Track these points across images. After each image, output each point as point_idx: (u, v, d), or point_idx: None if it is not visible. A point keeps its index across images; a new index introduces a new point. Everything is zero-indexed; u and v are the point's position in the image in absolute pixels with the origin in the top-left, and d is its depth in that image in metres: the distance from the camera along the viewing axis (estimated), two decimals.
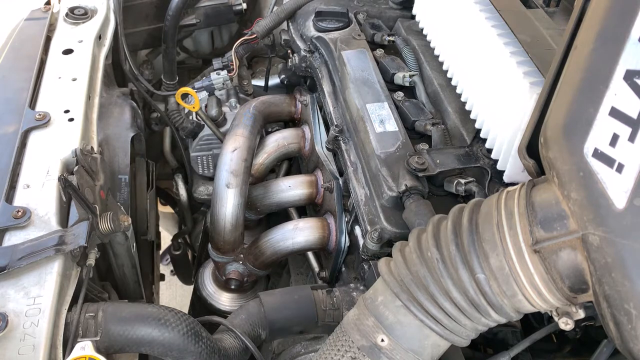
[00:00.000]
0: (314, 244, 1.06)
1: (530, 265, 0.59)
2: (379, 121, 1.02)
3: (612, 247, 0.52)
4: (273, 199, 1.13)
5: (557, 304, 0.61)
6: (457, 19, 1.06)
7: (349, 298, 0.90)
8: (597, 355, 0.67)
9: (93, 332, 0.75)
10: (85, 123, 1.01)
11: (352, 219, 1.01)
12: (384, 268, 0.70)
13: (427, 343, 0.67)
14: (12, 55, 1.14)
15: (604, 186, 0.54)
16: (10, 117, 0.99)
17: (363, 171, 0.99)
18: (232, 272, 1.10)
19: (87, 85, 1.08)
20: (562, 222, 0.57)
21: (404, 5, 1.34)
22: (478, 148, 0.97)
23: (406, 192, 0.90)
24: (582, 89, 0.58)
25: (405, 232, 0.88)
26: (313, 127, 1.18)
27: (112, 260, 1.01)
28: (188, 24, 1.52)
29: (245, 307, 0.91)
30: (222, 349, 0.83)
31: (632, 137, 0.53)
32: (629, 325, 0.53)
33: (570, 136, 0.57)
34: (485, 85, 0.95)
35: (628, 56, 0.54)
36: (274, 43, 1.49)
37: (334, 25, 1.25)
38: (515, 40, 0.92)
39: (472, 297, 0.63)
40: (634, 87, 0.53)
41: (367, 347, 0.68)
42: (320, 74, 1.23)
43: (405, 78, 1.12)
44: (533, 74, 0.85)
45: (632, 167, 0.52)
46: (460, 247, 0.63)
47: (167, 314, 0.79)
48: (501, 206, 0.62)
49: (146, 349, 0.78)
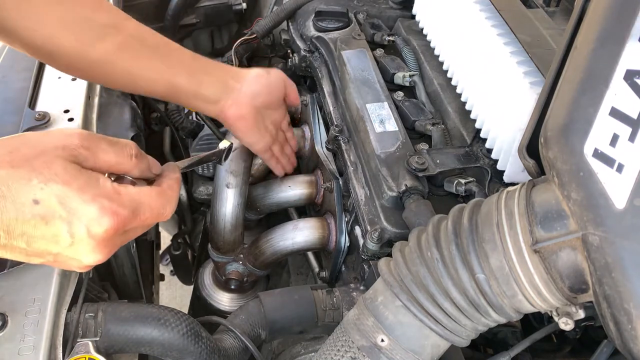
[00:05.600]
0: (314, 244, 1.06)
1: (530, 265, 0.59)
2: (379, 121, 1.02)
3: (612, 247, 0.52)
4: (273, 199, 1.13)
5: (557, 304, 0.61)
6: (457, 19, 1.06)
7: (349, 298, 0.90)
8: (597, 355, 0.67)
9: (93, 332, 0.75)
10: (85, 123, 1.01)
11: (352, 219, 1.01)
12: (384, 268, 0.70)
13: (427, 343, 0.67)
14: (12, 55, 1.14)
15: (604, 186, 0.54)
16: (10, 117, 0.99)
17: (363, 171, 0.99)
18: (232, 272, 1.10)
19: (86, 85, 1.08)
20: (562, 222, 0.57)
21: (404, 5, 1.34)
22: (478, 148, 0.97)
23: (406, 192, 0.90)
24: (582, 89, 0.58)
25: (405, 232, 0.88)
26: (313, 127, 1.18)
27: (112, 260, 1.01)
28: (188, 24, 1.52)
29: (245, 307, 0.91)
30: (222, 349, 0.83)
31: (632, 137, 0.53)
32: (629, 325, 0.53)
33: (570, 136, 0.57)
34: (485, 85, 0.95)
35: (628, 56, 0.54)
36: (274, 43, 1.49)
37: (334, 25, 1.25)
38: (515, 40, 0.92)
39: (472, 297, 0.63)
40: (634, 87, 0.53)
41: (367, 347, 0.68)
42: (320, 74, 1.23)
43: (405, 78, 1.12)
44: (533, 74, 0.85)
45: (632, 167, 0.52)
46: (460, 247, 0.63)
47: (167, 314, 0.79)
48: (501, 206, 0.62)
49: (146, 349, 0.78)
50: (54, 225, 0.57)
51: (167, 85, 0.90)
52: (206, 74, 0.93)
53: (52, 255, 0.60)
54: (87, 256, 0.60)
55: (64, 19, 0.80)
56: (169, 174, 0.70)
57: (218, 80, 0.95)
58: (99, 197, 0.58)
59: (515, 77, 0.86)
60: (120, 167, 0.64)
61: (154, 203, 0.64)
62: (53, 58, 0.83)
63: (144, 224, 0.64)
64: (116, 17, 0.86)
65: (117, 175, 0.65)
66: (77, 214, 0.57)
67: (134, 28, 0.87)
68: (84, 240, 0.58)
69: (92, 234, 0.58)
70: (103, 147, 0.62)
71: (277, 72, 1.04)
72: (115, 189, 0.60)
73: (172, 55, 0.90)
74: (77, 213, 0.57)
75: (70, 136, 0.60)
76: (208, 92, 0.94)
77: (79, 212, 0.57)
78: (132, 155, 0.64)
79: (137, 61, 0.86)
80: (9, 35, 0.79)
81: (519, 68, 0.86)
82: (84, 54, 0.83)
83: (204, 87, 0.93)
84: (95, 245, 0.59)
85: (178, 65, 0.90)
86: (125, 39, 0.85)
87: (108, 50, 0.83)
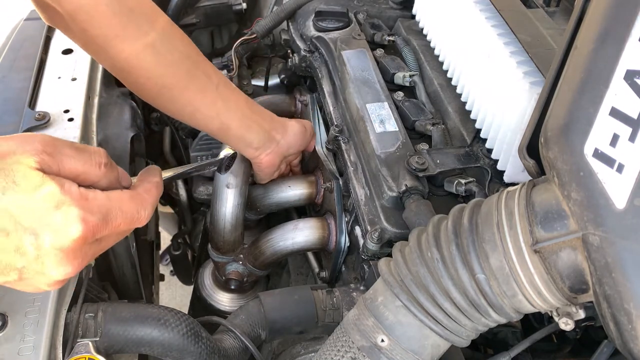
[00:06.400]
0: (314, 244, 1.06)
1: (531, 265, 0.59)
2: (379, 121, 1.02)
3: (613, 247, 0.52)
4: (273, 199, 1.13)
5: (558, 304, 0.61)
6: (457, 19, 1.06)
7: (349, 298, 0.90)
8: (597, 356, 0.66)
9: (93, 332, 0.75)
10: (85, 123, 1.01)
11: (352, 219, 1.01)
12: (384, 268, 0.70)
13: (427, 343, 0.67)
14: (12, 56, 1.14)
15: (604, 186, 0.54)
16: (9, 117, 0.99)
17: (363, 171, 0.99)
18: (232, 272, 1.10)
19: (86, 85, 1.08)
20: (563, 222, 0.57)
21: (404, 5, 1.34)
22: (478, 148, 0.97)
23: (406, 192, 0.90)
24: (582, 89, 0.58)
25: (405, 232, 0.88)
26: (313, 127, 1.17)
27: (112, 260, 1.01)
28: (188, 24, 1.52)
29: (245, 307, 0.91)
30: (222, 349, 0.83)
31: (633, 137, 0.53)
32: (629, 326, 0.53)
33: (571, 136, 0.57)
34: (485, 85, 0.95)
35: (628, 56, 0.54)
36: (274, 43, 1.48)
37: (334, 25, 1.25)
38: (515, 40, 0.92)
39: (472, 297, 0.63)
40: (634, 87, 0.53)
41: (367, 347, 0.68)
42: (320, 74, 1.23)
43: (406, 78, 1.12)
44: (533, 74, 0.85)
45: (633, 167, 0.52)
46: (461, 247, 0.63)
47: (167, 314, 0.79)
48: (501, 206, 0.62)
49: (146, 349, 0.78)
50: (16, 237, 0.53)
51: (221, 126, 0.96)
52: (255, 121, 1.00)
53: (16, 271, 0.55)
54: (55, 269, 0.55)
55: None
56: (148, 177, 0.68)
57: (264, 130, 1.01)
58: (65, 205, 0.54)
59: (516, 77, 0.86)
60: (86, 177, 0.59)
61: (126, 207, 0.60)
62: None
63: (117, 231, 0.60)
64: (199, 56, 0.92)
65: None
66: (41, 223, 0.53)
67: (210, 67, 0.94)
68: (50, 251, 0.54)
69: (59, 244, 0.54)
70: (68, 154, 0.57)
71: (310, 126, 1.13)
72: (82, 194, 0.56)
73: (230, 98, 0.97)
74: (41, 222, 0.53)
75: (31, 141, 0.55)
76: (252, 138, 1.00)
77: (42, 221, 0.53)
78: (101, 164, 0.60)
79: (202, 97, 0.92)
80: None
81: (519, 68, 0.86)
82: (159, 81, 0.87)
83: (250, 133, 0.99)
84: (63, 257, 0.55)
85: (235, 108, 0.97)
86: (197, 73, 0.91)
87: (180, 77, 0.89)
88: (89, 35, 0.79)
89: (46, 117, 0.98)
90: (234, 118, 0.96)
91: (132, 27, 0.81)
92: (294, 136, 1.07)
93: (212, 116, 0.94)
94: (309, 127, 1.11)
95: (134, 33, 0.81)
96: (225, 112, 0.95)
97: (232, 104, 0.96)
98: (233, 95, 0.97)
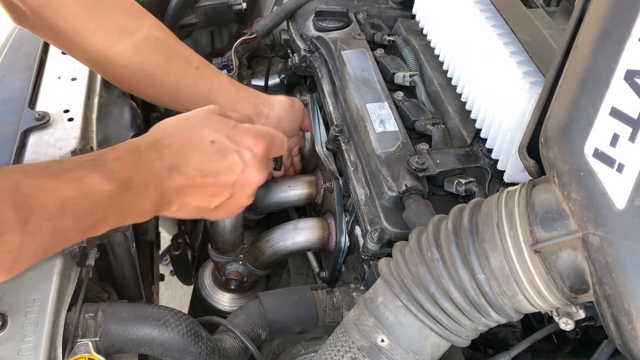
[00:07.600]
0: (314, 244, 1.06)
1: (531, 265, 0.59)
2: (379, 121, 1.02)
3: (613, 248, 0.52)
4: (273, 199, 1.13)
5: (558, 304, 0.61)
6: (457, 19, 1.06)
7: (349, 298, 0.90)
8: (597, 356, 0.66)
9: (93, 332, 0.75)
10: (85, 123, 1.01)
11: (352, 219, 1.01)
12: (384, 268, 0.70)
13: (427, 343, 0.67)
14: (12, 55, 1.14)
15: (604, 186, 0.54)
16: (9, 117, 0.99)
17: (363, 171, 0.99)
18: (232, 272, 1.10)
19: (86, 85, 1.08)
20: (563, 222, 0.57)
21: (404, 5, 1.34)
22: (478, 148, 0.97)
23: (406, 192, 0.90)
24: (582, 89, 0.58)
25: (405, 232, 0.88)
26: (313, 127, 1.17)
27: (112, 260, 1.01)
28: (188, 24, 1.52)
29: (245, 307, 0.91)
30: (222, 349, 0.82)
31: (633, 137, 0.53)
32: (629, 326, 0.53)
33: (571, 136, 0.57)
34: (485, 85, 0.95)
35: (628, 56, 0.54)
36: (274, 43, 1.48)
37: (334, 25, 1.25)
38: (515, 40, 0.92)
39: (472, 298, 0.63)
40: (634, 87, 0.53)
41: (367, 347, 0.68)
42: (320, 74, 1.23)
43: (406, 78, 1.12)
44: (533, 74, 0.85)
45: (633, 167, 0.52)
46: (461, 247, 0.63)
47: (167, 314, 0.79)
48: (501, 206, 0.62)
49: (146, 349, 0.78)
50: (229, 157, 0.75)
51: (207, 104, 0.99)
52: (241, 97, 1.03)
53: (229, 189, 0.76)
54: (256, 175, 0.77)
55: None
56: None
57: (251, 104, 1.04)
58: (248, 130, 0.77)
59: (516, 77, 0.86)
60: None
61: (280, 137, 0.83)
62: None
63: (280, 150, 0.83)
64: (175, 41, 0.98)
65: None
66: (240, 143, 0.75)
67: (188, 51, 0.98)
68: (251, 161, 0.76)
69: (255, 154, 0.76)
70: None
71: (299, 102, 1.14)
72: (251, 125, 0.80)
73: (213, 78, 1.01)
74: (240, 143, 0.75)
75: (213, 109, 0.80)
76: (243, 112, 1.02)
77: (241, 142, 0.76)
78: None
79: (184, 79, 0.96)
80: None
81: (518, 68, 0.86)
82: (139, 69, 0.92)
83: (238, 108, 1.00)
84: (259, 165, 0.77)
85: (218, 87, 1.01)
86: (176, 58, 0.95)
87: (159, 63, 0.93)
88: (59, 29, 0.81)
89: (46, 117, 0.98)
90: (219, 95, 0.99)
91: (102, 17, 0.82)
92: (282, 108, 1.07)
93: (196, 96, 0.97)
94: (297, 101, 1.12)
95: (105, 23, 0.82)
96: (209, 91, 0.98)
97: (214, 83, 1.00)
98: (215, 75, 1.01)
